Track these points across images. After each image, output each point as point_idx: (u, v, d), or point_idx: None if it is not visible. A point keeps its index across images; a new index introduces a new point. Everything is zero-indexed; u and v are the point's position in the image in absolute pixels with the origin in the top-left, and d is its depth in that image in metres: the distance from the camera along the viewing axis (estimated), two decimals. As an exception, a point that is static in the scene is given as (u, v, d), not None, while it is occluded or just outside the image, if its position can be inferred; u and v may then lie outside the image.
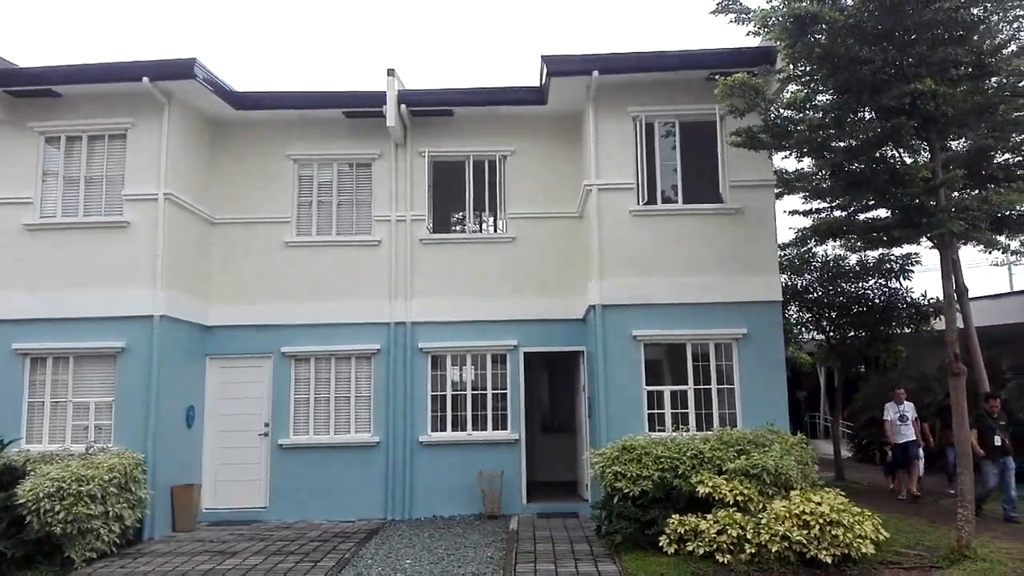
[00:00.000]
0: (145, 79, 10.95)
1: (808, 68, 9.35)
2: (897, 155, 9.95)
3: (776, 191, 11.76)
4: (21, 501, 8.55)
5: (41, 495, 8.53)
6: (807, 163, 11.37)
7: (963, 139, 10.66)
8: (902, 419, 12.80)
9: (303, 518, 11.85)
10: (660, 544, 8.64)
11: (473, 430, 12.26)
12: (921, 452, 12.82)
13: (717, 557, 8.18)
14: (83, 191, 11.50)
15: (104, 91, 11.40)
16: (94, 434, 10.83)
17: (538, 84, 12.17)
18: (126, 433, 10.66)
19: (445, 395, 12.38)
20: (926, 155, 10.03)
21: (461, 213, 13.80)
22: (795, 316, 15.85)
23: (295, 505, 11.91)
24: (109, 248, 11.20)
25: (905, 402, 13.02)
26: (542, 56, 11.42)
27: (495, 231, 13.29)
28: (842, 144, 9.40)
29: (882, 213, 10.86)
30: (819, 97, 9.58)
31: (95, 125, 11.52)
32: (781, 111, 9.68)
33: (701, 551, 8.32)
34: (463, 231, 13.68)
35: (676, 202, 11.66)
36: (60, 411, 11.02)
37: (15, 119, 11.55)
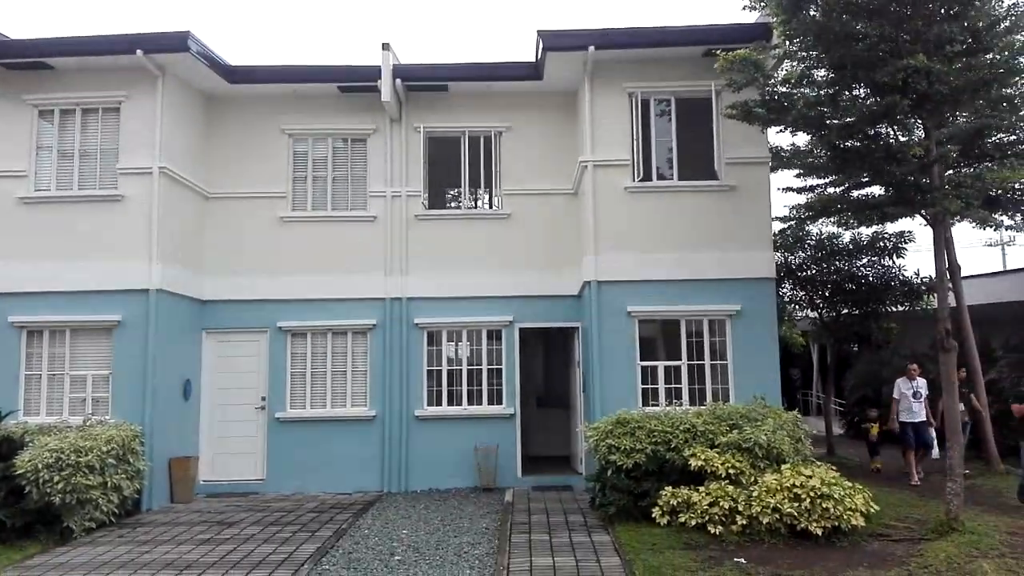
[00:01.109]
0: (139, 52, 10.87)
1: (804, 44, 9.36)
2: (892, 132, 9.98)
3: (770, 167, 11.79)
4: (20, 472, 8.60)
5: (40, 466, 8.59)
6: (802, 139, 11.43)
7: (958, 117, 10.69)
8: (915, 396, 12.00)
9: (300, 490, 11.97)
10: (653, 515, 8.77)
11: (469, 405, 12.36)
12: (934, 435, 12.19)
13: (709, 528, 8.31)
14: (78, 164, 11.46)
15: (98, 64, 11.32)
16: (91, 406, 10.89)
17: (534, 59, 12.13)
18: (123, 406, 10.72)
19: (441, 370, 12.46)
20: (920, 133, 10.06)
21: (456, 189, 13.82)
22: (788, 294, 15.93)
23: (292, 477, 12.02)
24: (104, 222, 11.19)
25: (918, 378, 12.15)
26: (538, 31, 11.38)
27: (490, 207, 13.31)
28: (837, 121, 9.43)
29: (876, 190, 10.90)
30: (815, 73, 9.59)
31: (89, 98, 11.45)
32: (777, 87, 9.67)
33: (693, 522, 8.45)
34: (458, 207, 13.69)
35: (671, 179, 11.69)
36: (57, 383, 11.06)
37: (8, 91, 11.47)
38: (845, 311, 15.53)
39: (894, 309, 15.33)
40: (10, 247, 11.17)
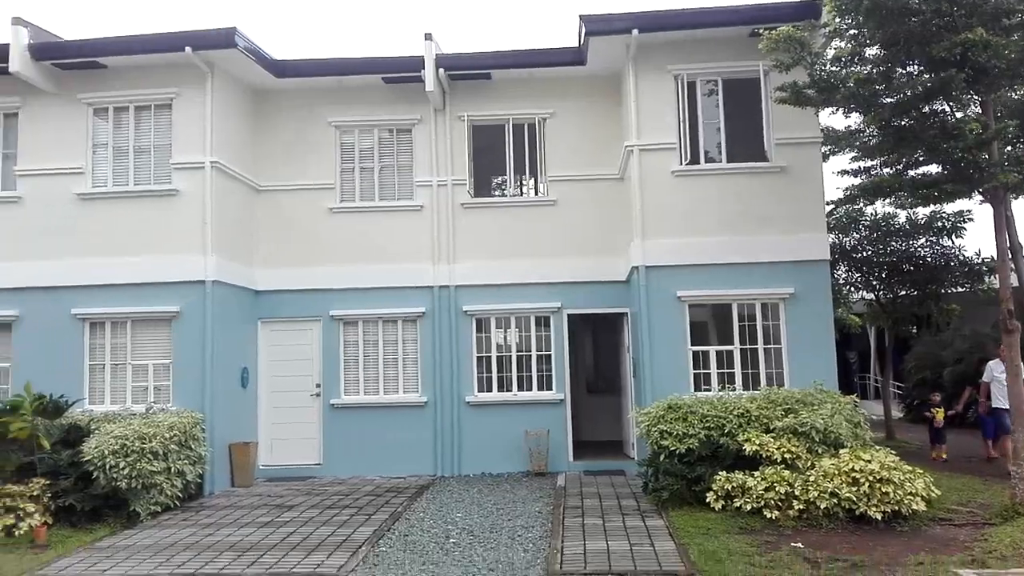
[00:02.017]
0: (188, 49, 11.08)
1: (855, 21, 9.12)
2: (947, 109, 9.69)
3: (823, 150, 11.54)
4: (87, 458, 8.91)
5: (106, 452, 8.88)
6: (854, 119, 11.15)
7: (1015, 92, 10.34)
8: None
9: (356, 474, 12.18)
10: (707, 500, 8.71)
11: (519, 391, 12.42)
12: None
13: (764, 513, 8.24)
14: (132, 160, 11.76)
15: (148, 62, 11.57)
16: (153, 395, 11.22)
17: (576, 45, 12.07)
18: (184, 393, 11.03)
19: (491, 356, 12.53)
20: (976, 109, 9.75)
21: (502, 177, 13.84)
22: (844, 276, 15.61)
23: (348, 462, 12.24)
24: (160, 216, 11.48)
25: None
26: (580, 16, 11.29)
27: (536, 194, 13.31)
28: (890, 99, 9.18)
29: (932, 169, 10.61)
30: (866, 51, 9.34)
31: (141, 95, 11.73)
32: (827, 66, 9.45)
33: (748, 507, 8.38)
34: (504, 195, 13.73)
35: (719, 161, 11.52)
36: (120, 373, 11.41)
37: (64, 91, 11.80)
38: (903, 292, 15.17)
39: (954, 290, 14.93)
40: (71, 242, 11.53)
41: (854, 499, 7.96)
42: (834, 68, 9.47)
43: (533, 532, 8.20)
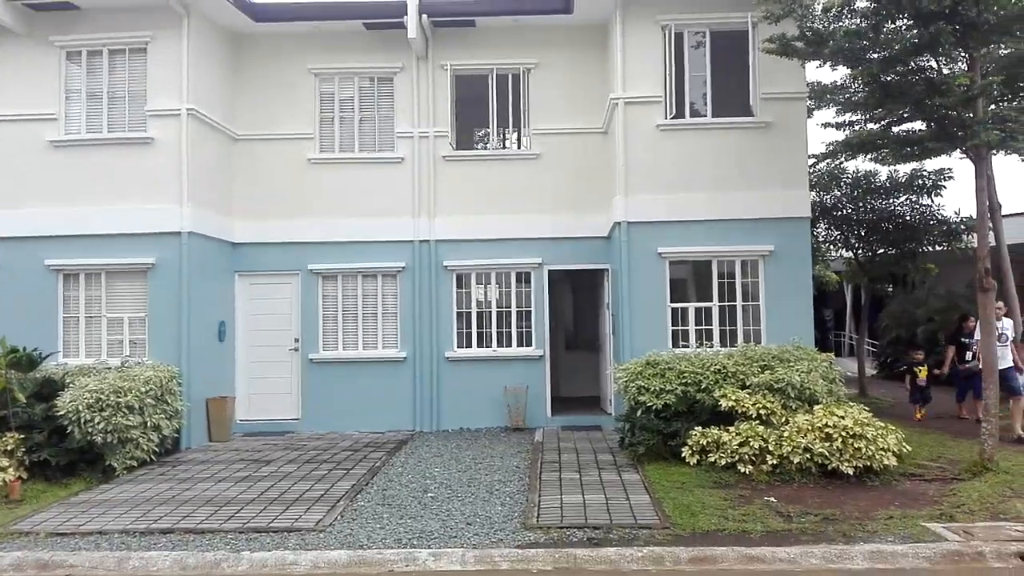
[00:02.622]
0: (163, -11, 10.75)
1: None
2: (935, 65, 9.59)
3: (808, 105, 11.44)
4: (62, 412, 8.81)
5: (81, 406, 8.78)
6: (841, 74, 11.03)
7: (1003, 47, 10.24)
8: (1000, 339, 10.41)
9: (334, 429, 12.20)
10: (682, 455, 8.80)
11: (498, 347, 12.42)
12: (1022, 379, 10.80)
13: (739, 468, 8.34)
14: (106, 107, 11.44)
15: (122, 3, 11.16)
16: (129, 348, 11.11)
17: (563, -8, 11.80)
18: (160, 347, 10.92)
19: (470, 312, 12.50)
20: (963, 66, 9.66)
21: (485, 129, 13.64)
22: (823, 233, 15.64)
23: (326, 417, 12.24)
24: (135, 164, 11.21)
25: (1004, 318, 10.80)
26: (568, -38, 11.02)
27: (519, 147, 13.14)
28: (878, 54, 9.06)
29: (917, 126, 10.55)
30: (857, 2, 9.18)
31: (115, 39, 11.35)
32: (816, 18, 9.30)
33: (723, 462, 8.48)
34: (486, 148, 13.54)
35: (705, 116, 11.39)
36: (95, 325, 11.27)
37: (35, 33, 11.40)
38: (881, 251, 15.24)
39: (931, 249, 15.01)
40: (43, 191, 11.26)
41: (827, 454, 8.07)
42: (823, 21, 9.32)
43: (511, 486, 8.26)
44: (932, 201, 14.63)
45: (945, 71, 9.55)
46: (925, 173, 14.29)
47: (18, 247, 11.20)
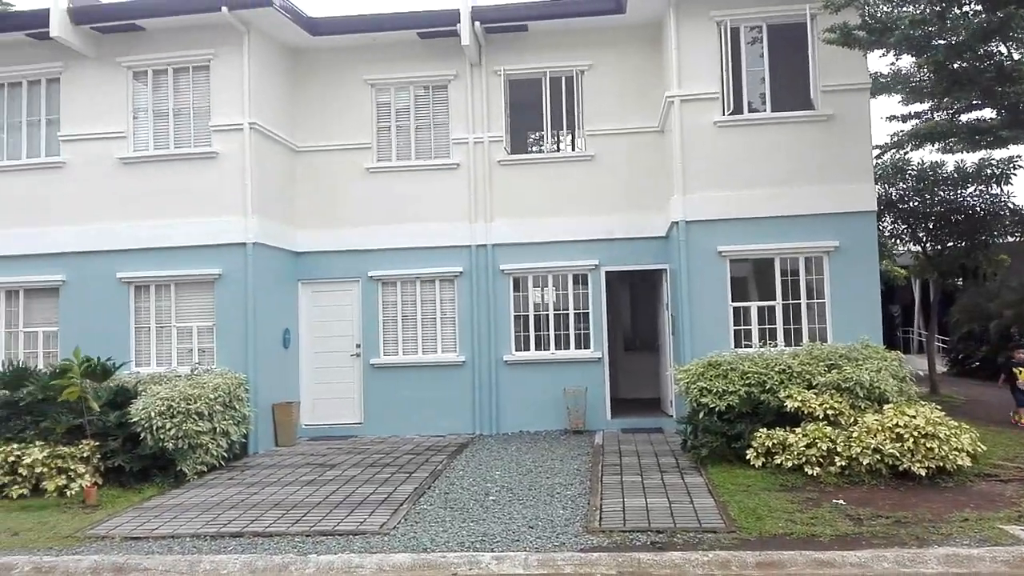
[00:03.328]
0: (224, 8, 11.01)
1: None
2: (1004, 51, 9.23)
3: (871, 93, 11.11)
4: (135, 419, 9.11)
5: (153, 413, 9.07)
6: (905, 63, 10.70)
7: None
8: None
9: (395, 433, 12.35)
10: (747, 457, 8.63)
11: (556, 349, 12.40)
12: None
13: (806, 470, 8.14)
14: (172, 123, 11.84)
15: (185, 23, 11.55)
16: (198, 356, 11.45)
17: (615, -8, 11.73)
18: (227, 355, 11.23)
19: (528, 315, 12.51)
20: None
21: (539, 132, 13.65)
22: (889, 227, 15.17)
23: (388, 421, 12.40)
24: (200, 178, 11.57)
25: None
26: (619, -38, 10.96)
27: (573, 149, 13.12)
28: (945, 40, 8.77)
29: (987, 114, 10.17)
30: (921, -12, 8.93)
31: (179, 57, 11.75)
32: (879, 5, 9.04)
33: (789, 464, 8.29)
34: (541, 151, 13.55)
35: (763, 111, 11.18)
36: (164, 335, 11.66)
37: (103, 55, 11.87)
38: (950, 243, 14.71)
39: (1003, 240, 14.43)
40: (114, 206, 11.70)
41: (897, 455, 7.82)
42: (886, 8, 9.07)
43: (572, 490, 8.23)
44: (1002, 190, 14.06)
45: (1015, 56, 9.18)
46: (994, 162, 13.74)
47: (91, 260, 11.66)
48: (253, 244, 11.36)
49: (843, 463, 8.04)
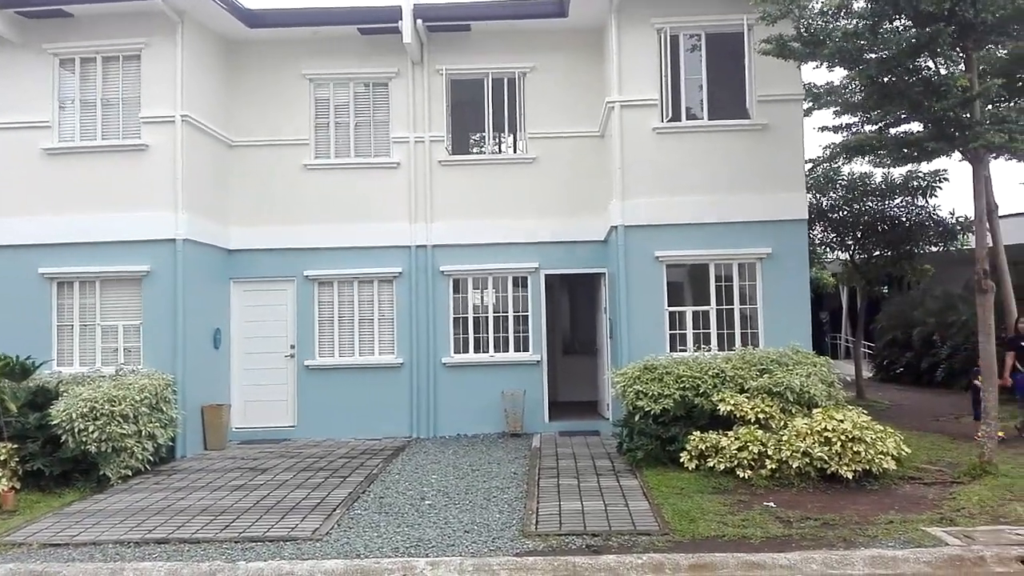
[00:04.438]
0: (156, -4, 10.69)
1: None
2: (932, 66, 9.57)
3: (804, 107, 11.43)
4: (56, 421, 8.71)
5: (75, 415, 8.69)
6: (838, 76, 10.99)
7: (1001, 48, 10.24)
8: None
9: (330, 436, 12.12)
10: (681, 460, 8.74)
11: (495, 352, 12.37)
12: None
13: (737, 472, 8.30)
14: (100, 114, 11.39)
15: (116, 10, 11.10)
16: (123, 356, 11.03)
17: (558, -4, 11.77)
18: (155, 355, 10.85)
19: (467, 317, 12.45)
20: (961, 67, 9.64)
21: (481, 133, 13.60)
22: (819, 236, 15.63)
23: (322, 424, 12.17)
24: (129, 172, 11.16)
25: None
26: (562, -35, 11.00)
27: (515, 152, 13.11)
28: (876, 54, 9.04)
29: (915, 127, 10.52)
30: (854, 3, 9.16)
31: (109, 46, 11.30)
32: (814, 18, 9.27)
33: (722, 467, 8.43)
34: (483, 152, 13.50)
35: (701, 119, 11.37)
36: (89, 334, 11.21)
37: (28, 41, 11.34)
38: (877, 252, 15.24)
39: (928, 250, 15.01)
40: (37, 199, 11.19)
41: (826, 458, 8.02)
42: (821, 21, 9.29)
43: (508, 493, 8.21)
44: (927, 202, 14.66)
45: (943, 72, 9.52)
46: (920, 174, 14.30)
47: (12, 255, 11.13)
48: (183, 240, 11.01)
49: (773, 466, 8.21)
